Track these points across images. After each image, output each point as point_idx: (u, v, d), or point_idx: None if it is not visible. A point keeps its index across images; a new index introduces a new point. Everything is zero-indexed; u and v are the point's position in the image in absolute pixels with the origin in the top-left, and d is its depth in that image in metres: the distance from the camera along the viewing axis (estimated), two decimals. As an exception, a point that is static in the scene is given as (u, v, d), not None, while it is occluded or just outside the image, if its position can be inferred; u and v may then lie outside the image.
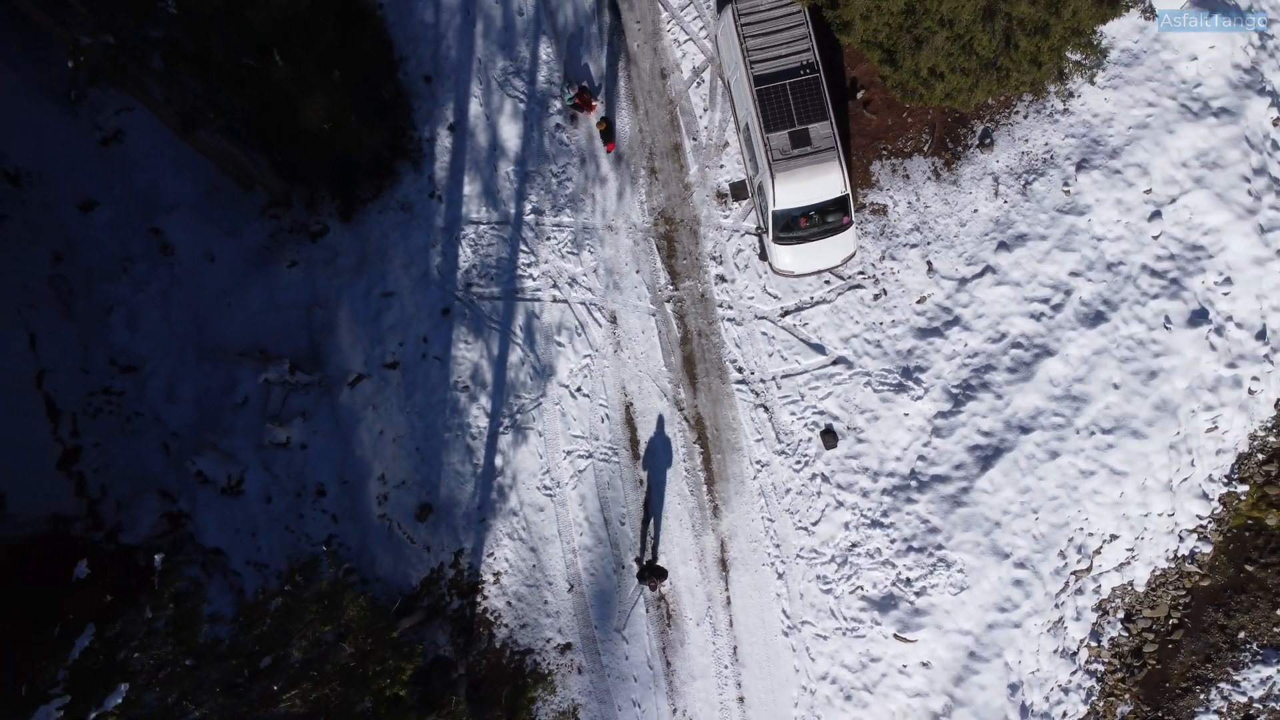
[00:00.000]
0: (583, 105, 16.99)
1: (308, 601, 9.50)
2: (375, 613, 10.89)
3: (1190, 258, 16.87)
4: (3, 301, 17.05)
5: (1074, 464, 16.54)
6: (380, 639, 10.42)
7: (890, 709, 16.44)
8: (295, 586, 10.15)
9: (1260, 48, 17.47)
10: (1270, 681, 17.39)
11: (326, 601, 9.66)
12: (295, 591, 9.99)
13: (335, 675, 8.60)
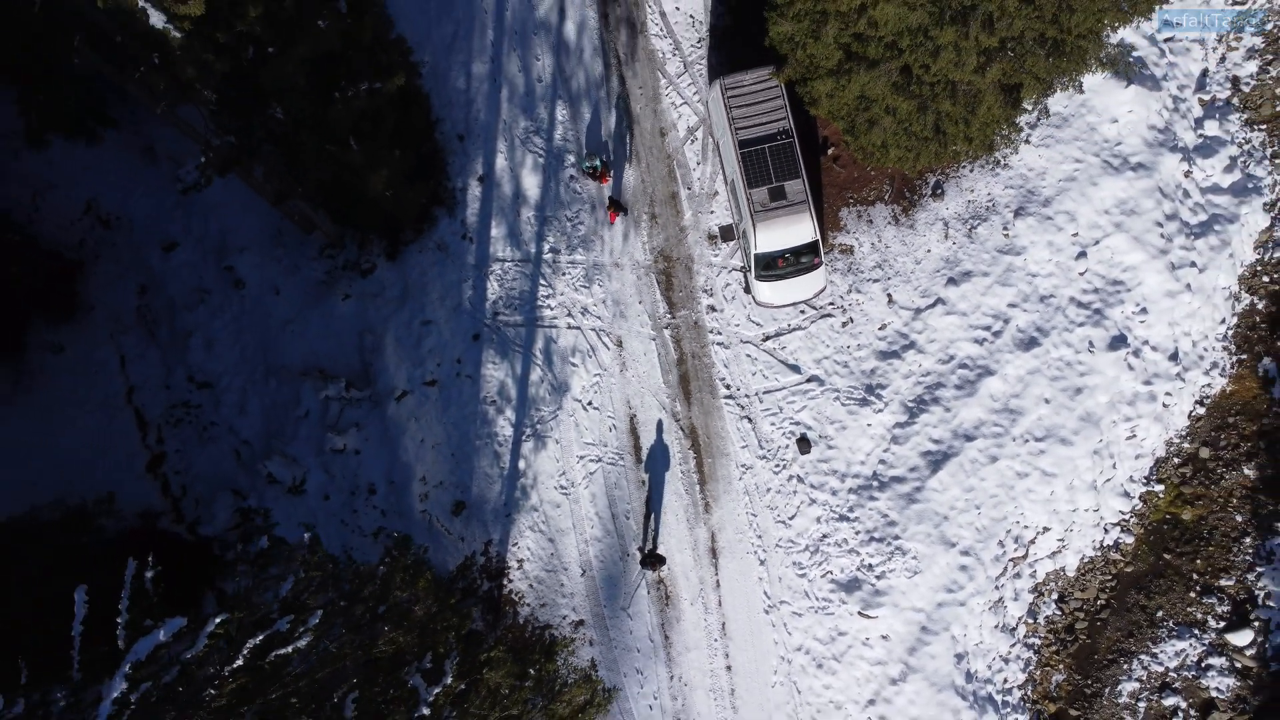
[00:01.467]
0: (597, 177, 20.07)
1: (399, 570, 12.52)
2: (438, 584, 13.92)
3: (1111, 291, 20.02)
4: (97, 328, 20.23)
5: (1011, 467, 19.67)
6: (443, 604, 13.47)
7: (855, 675, 19.53)
8: (393, 558, 13.19)
9: (1173, 110, 20.65)
10: (1183, 654, 20.46)
11: (410, 572, 12.68)
12: (394, 561, 13.04)
13: (415, 627, 11.56)
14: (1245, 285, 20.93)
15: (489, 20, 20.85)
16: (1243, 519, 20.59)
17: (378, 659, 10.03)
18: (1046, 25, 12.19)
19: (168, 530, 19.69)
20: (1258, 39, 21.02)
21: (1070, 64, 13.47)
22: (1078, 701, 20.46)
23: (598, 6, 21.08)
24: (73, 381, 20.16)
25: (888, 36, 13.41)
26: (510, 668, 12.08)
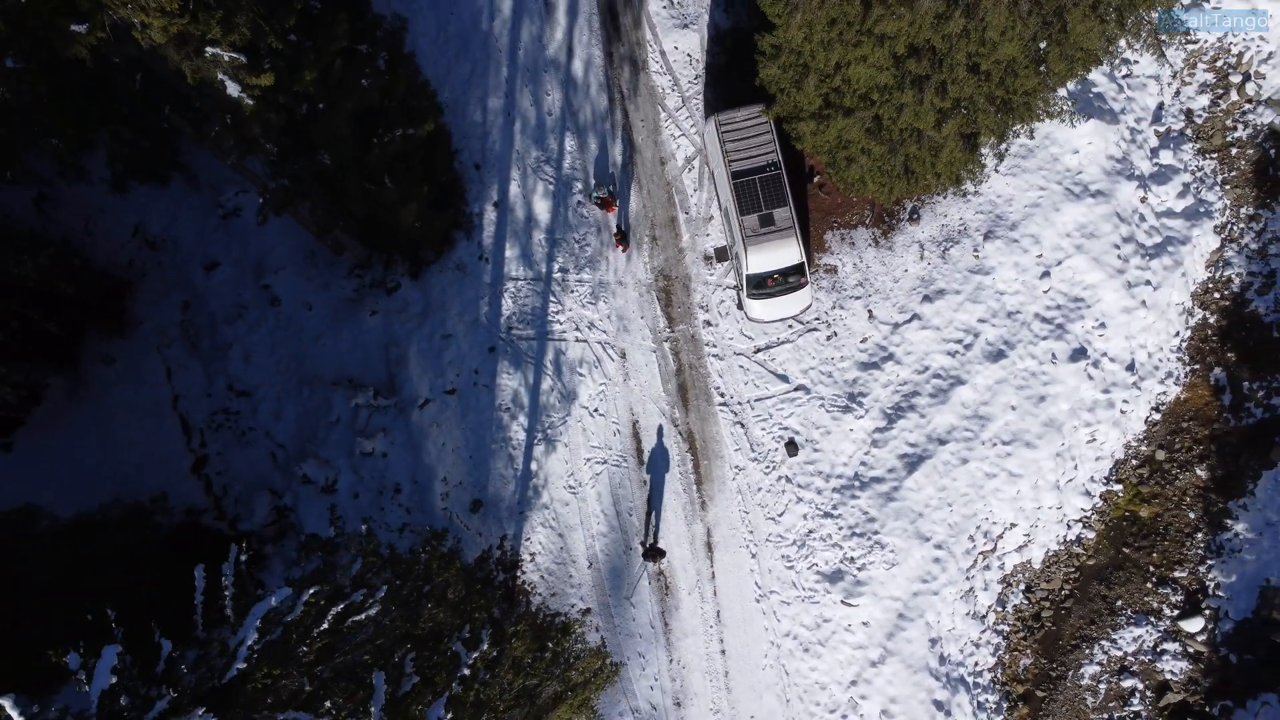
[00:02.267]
0: (604, 206, 22.12)
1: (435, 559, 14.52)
2: (466, 572, 15.91)
3: (1072, 307, 22.07)
4: (145, 342, 22.29)
5: (980, 468, 21.72)
6: (471, 588, 15.47)
7: (838, 659, 21.57)
8: (431, 548, 15.18)
9: (1130, 141, 22.70)
10: (1140, 639, 22.49)
11: (444, 560, 14.67)
12: (432, 551, 15.04)
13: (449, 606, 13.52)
14: (1198, 301, 22.95)
15: (503, 59, 22.90)
16: (1195, 516, 22.61)
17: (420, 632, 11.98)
18: (994, 87, 14.18)
19: (211, 526, 21.73)
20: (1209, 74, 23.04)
21: (1019, 117, 15.48)
22: (1043, 683, 22.49)
23: (603, 46, 23.13)
24: (123, 391, 22.21)
25: (860, 90, 15.42)
26: (530, 644, 14.06)
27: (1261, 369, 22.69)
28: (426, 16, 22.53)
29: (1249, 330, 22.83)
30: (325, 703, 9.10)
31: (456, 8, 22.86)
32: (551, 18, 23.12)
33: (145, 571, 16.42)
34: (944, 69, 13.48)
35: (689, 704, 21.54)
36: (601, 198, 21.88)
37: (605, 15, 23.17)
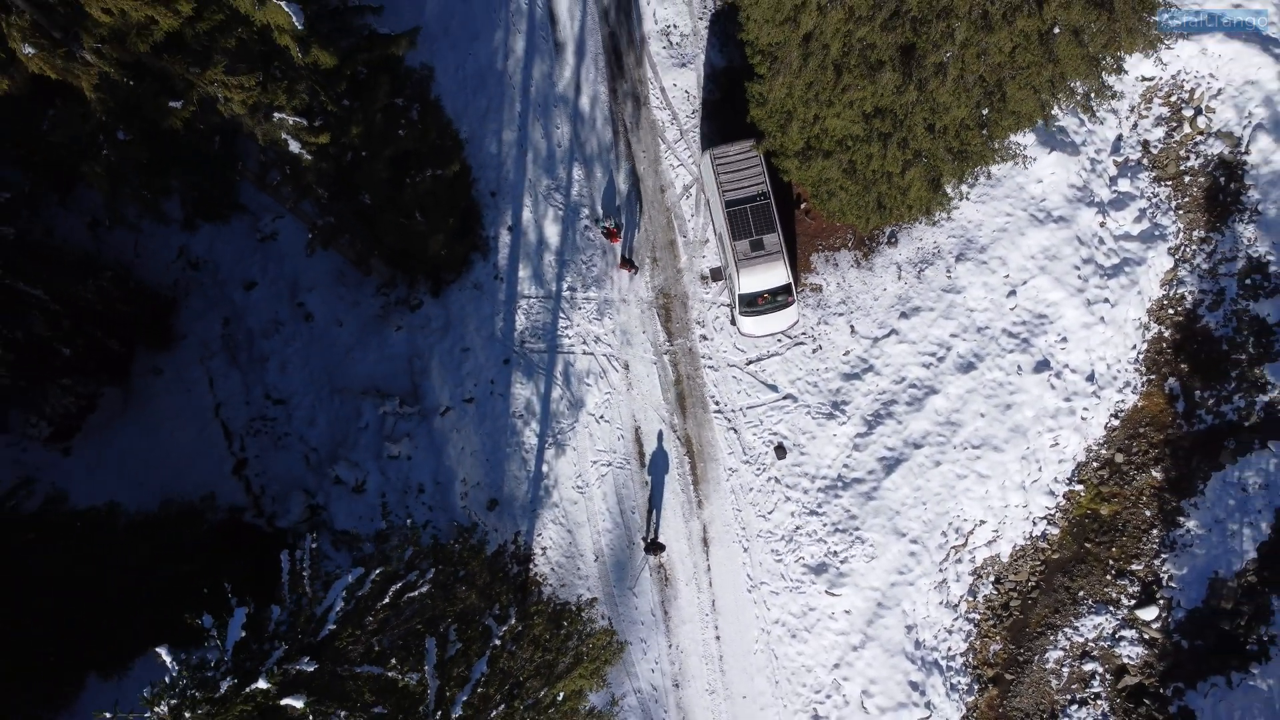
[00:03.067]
0: (610, 236, 24.42)
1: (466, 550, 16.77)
2: (489, 562, 18.15)
3: (1037, 323, 24.37)
4: (190, 354, 24.62)
5: (952, 470, 24.02)
6: (495, 576, 17.74)
7: (823, 644, 23.86)
8: (463, 540, 17.43)
9: (1091, 171, 25.01)
10: (1100, 627, 24.76)
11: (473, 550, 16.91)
12: (463, 542, 17.30)
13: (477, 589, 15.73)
14: (1153, 316, 25.24)
15: (516, 95, 25.21)
16: (1151, 514, 24.89)
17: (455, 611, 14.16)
18: (950, 140, 16.43)
19: (250, 523, 24.05)
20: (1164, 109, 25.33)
21: (974, 162, 17.73)
22: (1011, 667, 24.78)
23: (607, 83, 25.44)
24: (170, 399, 24.54)
25: (837, 137, 17.71)
26: (548, 624, 16.31)
27: (1212, 379, 24.98)
28: (446, 57, 24.85)
29: (1200, 344, 25.10)
30: (391, 660, 11.36)
31: (474, 48, 25.19)
32: (561, 57, 25.44)
33: (202, 560, 18.74)
34: (904, 128, 15.75)
35: (686, 685, 23.84)
36: (608, 228, 24.15)
37: (610, 55, 25.48)
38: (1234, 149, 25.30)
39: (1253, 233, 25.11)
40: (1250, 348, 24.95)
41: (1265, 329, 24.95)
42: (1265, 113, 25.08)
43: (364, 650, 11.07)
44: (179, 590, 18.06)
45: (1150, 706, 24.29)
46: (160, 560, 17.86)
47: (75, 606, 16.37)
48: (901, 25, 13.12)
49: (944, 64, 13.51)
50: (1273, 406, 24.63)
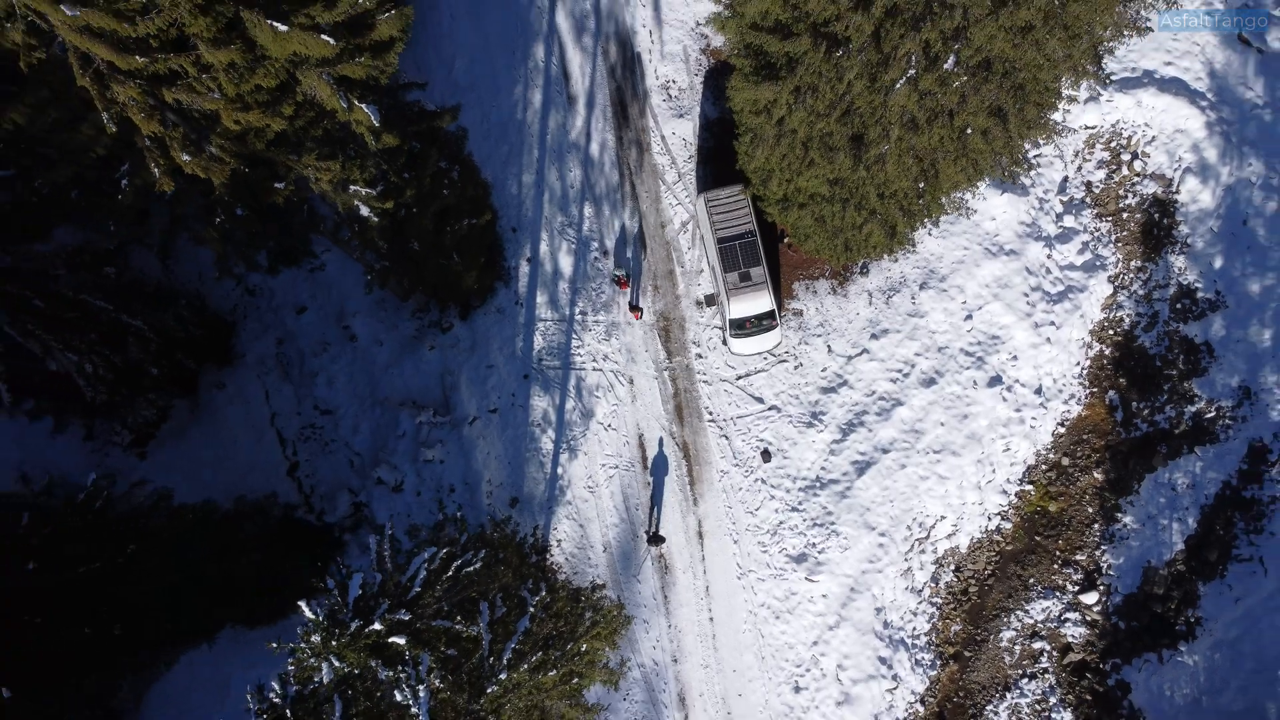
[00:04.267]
0: (619, 284, 28.20)
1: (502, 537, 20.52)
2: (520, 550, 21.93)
3: (990, 344, 28.19)
4: (248, 370, 28.47)
5: (916, 472, 27.83)
6: (524, 563, 21.50)
7: (803, 624, 27.65)
8: (499, 530, 21.19)
9: (1039, 209, 28.82)
10: (1048, 610, 28.52)
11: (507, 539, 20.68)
12: (500, 531, 21.07)
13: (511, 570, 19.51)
14: (1095, 337, 29.02)
15: (534, 142, 29.05)
16: (1093, 510, 28.68)
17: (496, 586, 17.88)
18: (902, 200, 20.17)
19: (302, 518, 27.88)
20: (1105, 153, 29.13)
21: (921, 217, 21.51)
22: (970, 645, 28.57)
23: (614, 132, 29.28)
24: (232, 410, 28.38)
25: (809, 192, 21.51)
26: (568, 599, 20.06)
27: (1147, 392, 28.79)
28: (473, 110, 28.68)
29: (1136, 360, 28.91)
30: (456, 616, 15.06)
31: (497, 101, 29.04)
32: (573, 109, 29.28)
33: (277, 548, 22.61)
34: (858, 195, 19.50)
35: (684, 660, 27.66)
36: (618, 278, 27.96)
37: (616, 107, 29.32)
38: (1166, 189, 29.12)
39: (1183, 263, 28.94)
40: (1180, 364, 28.78)
41: (1193, 348, 28.78)
42: (1193, 157, 28.91)
43: (436, 609, 14.77)
44: (260, 572, 21.95)
45: (1091, 680, 28.07)
46: (244, 548, 21.66)
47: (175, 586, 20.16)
48: (851, 121, 16.85)
49: (884, 154, 17.29)
50: (1199, 416, 28.47)
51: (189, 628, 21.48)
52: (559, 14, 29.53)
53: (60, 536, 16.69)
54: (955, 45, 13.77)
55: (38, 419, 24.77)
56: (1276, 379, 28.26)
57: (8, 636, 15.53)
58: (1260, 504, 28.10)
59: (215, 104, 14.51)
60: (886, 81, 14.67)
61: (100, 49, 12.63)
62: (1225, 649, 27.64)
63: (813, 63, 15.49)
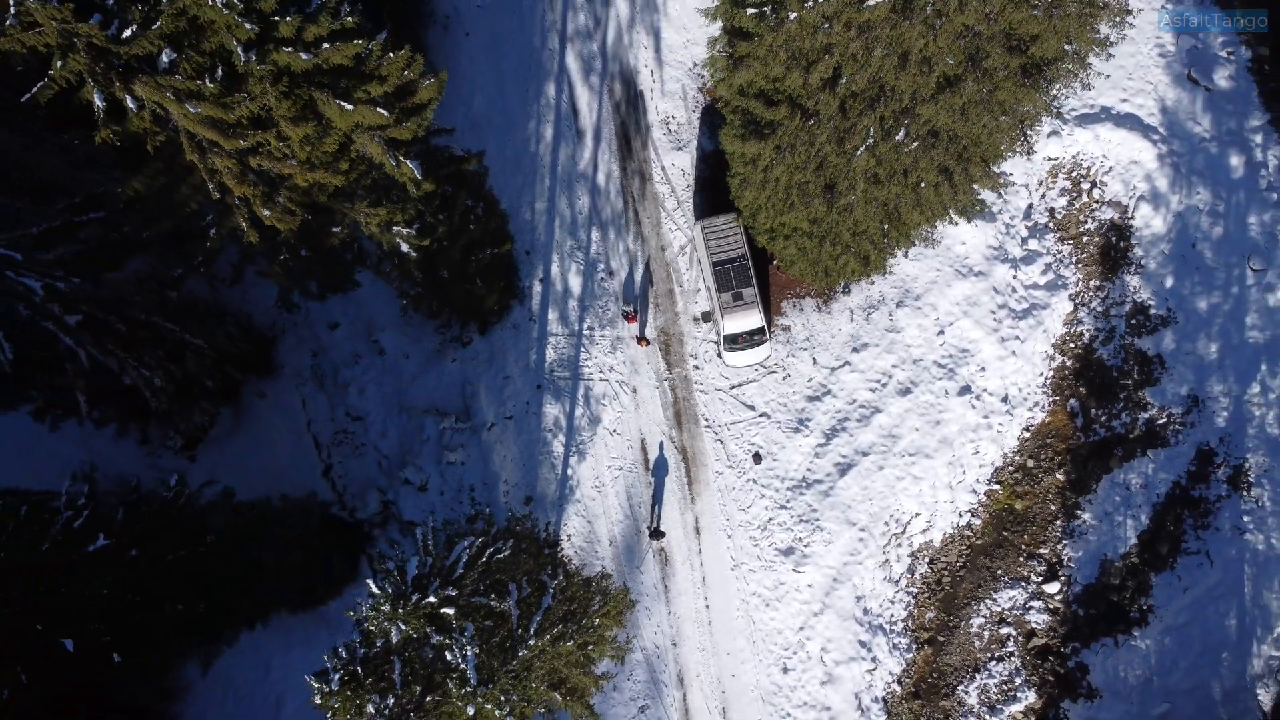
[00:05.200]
0: (628, 319, 31.37)
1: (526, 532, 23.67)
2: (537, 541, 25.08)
3: (961, 356, 31.38)
4: (286, 380, 31.69)
5: (893, 473, 31.04)
6: (541, 553, 24.67)
7: (790, 610, 30.85)
8: (520, 523, 24.34)
9: (1005, 234, 32.01)
10: (1014, 598, 31.72)
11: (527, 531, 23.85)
12: (520, 524, 24.23)
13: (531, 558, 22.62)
14: (1057, 350, 32.23)
15: (546, 173, 32.26)
16: (1055, 508, 31.88)
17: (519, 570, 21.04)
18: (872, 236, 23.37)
19: (336, 515, 31.11)
20: (1067, 182, 32.31)
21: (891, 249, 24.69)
22: (943, 631, 31.77)
23: (619, 163, 32.49)
24: (272, 417, 31.61)
25: (791, 227, 24.70)
26: (580, 585, 23.22)
27: (1104, 400, 32.00)
28: (490, 144, 31.90)
29: (1095, 371, 32.12)
30: (491, 595, 18.18)
31: (512, 136, 32.26)
32: (581, 142, 32.50)
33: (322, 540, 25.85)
34: (833, 233, 22.66)
35: (682, 644, 30.86)
36: (626, 313, 31.18)
37: (621, 140, 32.54)
38: (1122, 215, 32.34)
39: (1137, 282, 32.16)
40: (1134, 375, 32.02)
41: (1146, 360, 32.02)
42: (1146, 186, 32.14)
43: (474, 588, 17.88)
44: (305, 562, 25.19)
45: (1053, 662, 31.27)
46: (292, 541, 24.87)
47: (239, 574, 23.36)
48: (824, 173, 19.98)
49: (852, 202, 20.46)
50: (1152, 422, 31.70)
51: (250, 610, 24.66)
52: (569, 56, 32.76)
53: (155, 528, 19.84)
54: (905, 120, 16.91)
55: (103, 425, 27.92)
56: (1222, 388, 31.50)
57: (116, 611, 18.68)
58: (1207, 502, 31.33)
59: (291, 169, 17.71)
60: (850, 148, 17.77)
61: (207, 131, 15.80)
62: (1174, 634, 30.88)
63: (790, 127, 18.65)
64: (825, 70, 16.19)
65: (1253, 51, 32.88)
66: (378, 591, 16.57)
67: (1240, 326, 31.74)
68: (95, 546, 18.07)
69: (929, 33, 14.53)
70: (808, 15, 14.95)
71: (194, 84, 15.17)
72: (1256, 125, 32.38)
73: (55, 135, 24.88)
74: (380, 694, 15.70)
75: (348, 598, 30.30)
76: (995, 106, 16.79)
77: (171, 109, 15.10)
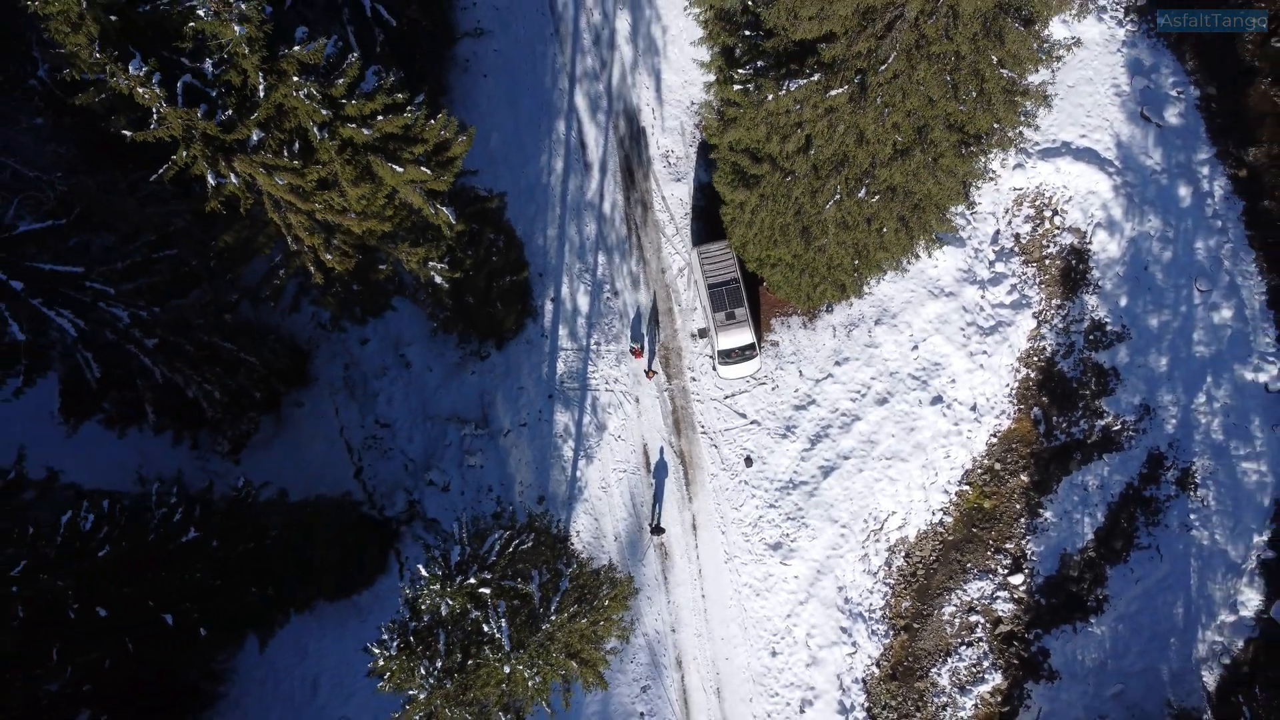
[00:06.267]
0: (635, 354, 35.04)
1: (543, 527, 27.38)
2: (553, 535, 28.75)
3: (933, 369, 35.10)
4: (321, 391, 35.41)
5: (871, 475, 34.77)
6: (556, 545, 28.33)
7: (778, 600, 34.58)
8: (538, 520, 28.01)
9: (974, 257, 35.73)
10: (982, 589, 35.44)
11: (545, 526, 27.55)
12: (540, 519, 27.90)
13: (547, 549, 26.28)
14: (1021, 363, 35.94)
15: (557, 202, 35.98)
16: (1020, 507, 35.60)
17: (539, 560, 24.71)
18: (846, 267, 27.10)
19: (366, 513, 34.84)
20: (1031, 210, 36.00)
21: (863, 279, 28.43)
22: (917, 619, 35.49)
23: (623, 193, 36.20)
24: (308, 424, 35.35)
25: (776, 258, 28.42)
26: (590, 575, 26.90)
27: (1065, 409, 35.71)
28: (506, 177, 35.65)
29: (1056, 382, 35.82)
30: (517, 579, 21.84)
31: (526, 169, 36.02)
32: (589, 174, 36.22)
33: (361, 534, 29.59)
34: (811, 266, 26.34)
35: (681, 630, 34.59)
36: (634, 349, 34.89)
37: (625, 172, 36.27)
38: (1081, 240, 36.06)
39: (1095, 302, 35.88)
40: (1092, 386, 35.73)
41: (1103, 372, 35.74)
42: (1102, 214, 35.86)
43: (503, 573, 21.54)
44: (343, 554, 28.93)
45: (1018, 647, 34.99)
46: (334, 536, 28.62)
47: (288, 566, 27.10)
48: (802, 218, 23.66)
49: (825, 244, 24.17)
50: (1107, 429, 35.42)
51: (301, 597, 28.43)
52: (577, 95, 36.48)
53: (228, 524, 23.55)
54: (866, 180, 20.54)
55: (161, 432, 31.63)
56: (1171, 398, 35.23)
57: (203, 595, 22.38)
58: (1157, 502, 35.06)
59: (349, 220, 21.43)
60: (821, 202, 21.40)
61: (287, 195, 19.49)
62: (1127, 621, 34.61)
63: (772, 181, 22.33)
64: (798, 140, 19.86)
65: (1201, 91, 36.61)
66: (427, 575, 20.25)
67: (1188, 342, 35.46)
68: (187, 538, 21.88)
69: (880, 118, 18.12)
70: (781, 100, 18.59)
71: (279, 159, 18.85)
72: (1203, 159, 36.09)
73: (125, 175, 28.64)
74: (429, 659, 19.35)
75: (379, 588, 34.13)
76: (940, 171, 20.41)
77: (260, 179, 18.81)
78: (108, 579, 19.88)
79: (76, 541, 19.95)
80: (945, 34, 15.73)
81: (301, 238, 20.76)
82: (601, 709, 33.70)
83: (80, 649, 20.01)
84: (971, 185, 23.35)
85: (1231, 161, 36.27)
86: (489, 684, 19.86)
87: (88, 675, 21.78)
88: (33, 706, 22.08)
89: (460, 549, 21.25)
